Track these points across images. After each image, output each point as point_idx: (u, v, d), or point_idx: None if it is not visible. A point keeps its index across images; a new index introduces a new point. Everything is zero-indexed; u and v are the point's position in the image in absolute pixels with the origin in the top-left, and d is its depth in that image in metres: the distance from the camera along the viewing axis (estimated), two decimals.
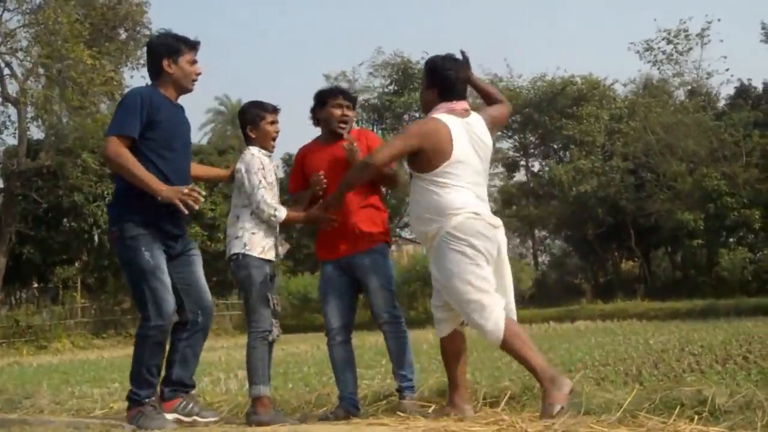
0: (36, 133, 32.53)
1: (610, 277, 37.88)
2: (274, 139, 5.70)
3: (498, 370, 9.35)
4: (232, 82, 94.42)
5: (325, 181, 5.56)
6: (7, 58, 29.70)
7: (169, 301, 5.13)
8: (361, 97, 41.22)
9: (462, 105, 5.16)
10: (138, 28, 32.13)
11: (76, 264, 33.49)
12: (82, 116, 29.00)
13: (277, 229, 5.61)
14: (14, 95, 29.54)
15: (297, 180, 5.80)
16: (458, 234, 4.92)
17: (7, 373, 15.50)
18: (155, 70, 5.26)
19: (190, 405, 5.19)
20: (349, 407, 5.50)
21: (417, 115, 41.06)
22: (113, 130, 5.04)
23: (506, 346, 4.91)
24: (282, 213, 5.44)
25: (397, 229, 42.55)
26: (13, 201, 30.73)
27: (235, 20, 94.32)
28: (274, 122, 5.67)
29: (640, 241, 34.74)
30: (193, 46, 5.30)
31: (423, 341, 18.00)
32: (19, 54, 29.77)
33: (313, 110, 5.89)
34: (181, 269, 5.37)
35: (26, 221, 31.65)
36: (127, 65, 32.06)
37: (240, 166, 5.52)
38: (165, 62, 5.20)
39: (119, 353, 22.66)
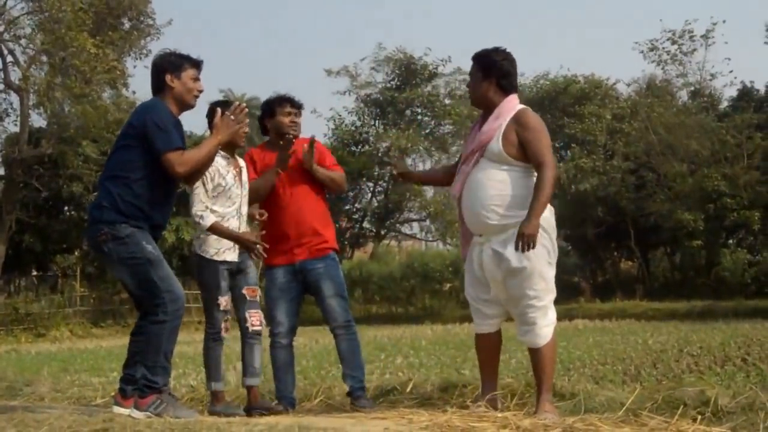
0: (38, 120, 32.59)
1: (609, 276, 37.87)
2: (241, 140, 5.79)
3: None
4: (235, 75, 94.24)
5: (293, 139, 5.71)
6: (11, 45, 29.73)
7: (180, 286, 5.19)
8: (363, 92, 41.18)
9: None
10: (142, 18, 32.16)
11: (76, 253, 33.49)
12: (84, 104, 28.98)
13: (239, 229, 5.63)
14: (17, 82, 29.53)
15: (249, 174, 5.84)
16: (546, 227, 4.90)
17: (6, 360, 15.54)
18: (158, 85, 5.29)
19: (163, 404, 5.06)
20: (287, 405, 5.71)
21: (419, 110, 41.05)
22: (166, 146, 5.04)
23: (541, 354, 4.89)
24: (206, 221, 5.45)
25: (397, 225, 42.56)
26: (14, 189, 30.72)
27: (238, 13, 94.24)
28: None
29: (640, 240, 34.72)
30: (195, 63, 5.35)
31: (422, 337, 18.06)
32: (23, 41, 29.81)
33: (262, 119, 6.02)
34: None
35: (27, 209, 31.62)
36: (130, 55, 32.09)
37: None
38: (168, 77, 5.23)
39: (117, 343, 22.63)
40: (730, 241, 31.91)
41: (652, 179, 33.24)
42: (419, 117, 41.52)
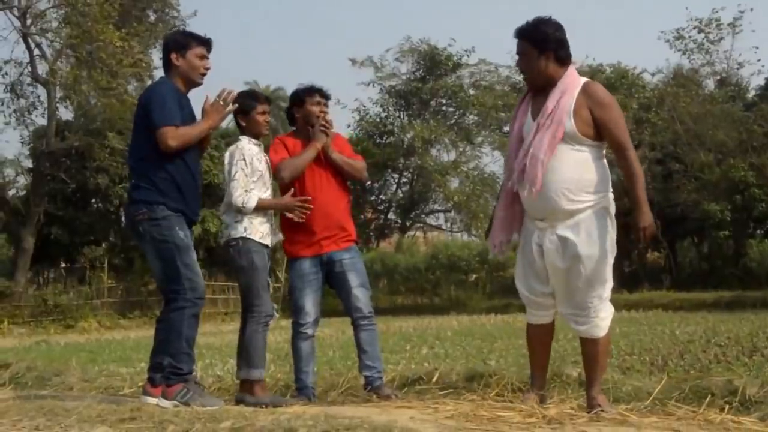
0: (65, 113, 32.79)
1: (636, 267, 37.65)
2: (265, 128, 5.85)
3: (523, 357, 9.32)
4: (260, 66, 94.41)
5: (330, 120, 5.91)
6: (37, 38, 29.88)
7: (201, 277, 5.30)
8: (387, 83, 41.14)
9: None
10: (167, 10, 32.32)
11: (104, 245, 33.73)
12: (110, 97, 29.14)
13: (272, 214, 5.77)
14: (44, 76, 29.72)
15: (282, 153, 5.86)
16: (612, 213, 4.78)
17: (36, 350, 15.67)
18: (165, 64, 5.44)
19: (190, 393, 5.13)
20: (310, 396, 5.73)
21: (444, 101, 40.96)
22: (161, 121, 5.14)
23: (597, 346, 4.73)
24: (252, 202, 5.50)
25: (422, 216, 42.54)
26: (42, 181, 30.97)
27: (262, 4, 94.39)
28: (264, 112, 5.81)
29: (667, 231, 34.47)
30: (202, 41, 5.44)
31: (447, 328, 18.04)
32: (49, 35, 29.97)
33: (290, 109, 6.08)
34: None
35: (54, 201, 31.88)
36: (155, 47, 32.15)
37: (225, 156, 5.67)
38: (173, 55, 5.35)
39: (145, 333, 22.76)
40: (758, 232, 31.62)
41: (679, 169, 33.00)
42: (444, 108, 41.45)
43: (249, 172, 5.56)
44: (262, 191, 5.63)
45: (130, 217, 5.32)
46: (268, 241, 5.66)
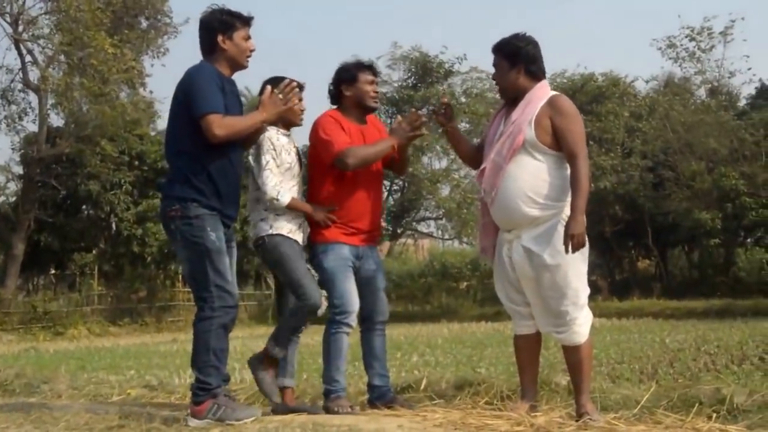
0: (56, 120, 32.74)
1: (627, 275, 37.74)
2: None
3: (513, 365, 9.33)
4: (250, 73, 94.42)
5: (424, 119, 5.47)
6: (29, 45, 29.88)
7: (234, 284, 5.00)
8: (379, 90, 41.18)
9: None
10: (159, 17, 32.32)
11: (94, 251, 33.63)
12: (102, 104, 29.10)
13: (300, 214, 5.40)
14: (35, 82, 29.69)
15: (344, 136, 5.30)
16: None
17: (25, 358, 15.63)
18: (209, 47, 5.08)
19: (222, 408, 4.77)
20: (347, 399, 5.27)
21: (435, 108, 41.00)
22: (205, 108, 4.82)
23: (579, 352, 4.75)
24: (285, 198, 5.17)
25: (414, 223, 42.55)
26: (32, 187, 30.91)
27: (253, 11, 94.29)
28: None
29: (658, 239, 34.58)
30: (247, 21, 5.14)
31: (438, 335, 18.06)
32: (41, 41, 29.97)
33: (338, 84, 5.50)
34: None
35: (45, 208, 31.79)
36: (147, 54, 32.23)
37: (252, 147, 5.33)
38: (220, 38, 5.02)
39: (135, 341, 22.80)
40: (748, 240, 31.69)
41: (670, 177, 33.09)
42: None
43: (279, 162, 5.24)
44: (290, 184, 5.31)
45: (163, 214, 5.03)
46: (297, 238, 5.29)
